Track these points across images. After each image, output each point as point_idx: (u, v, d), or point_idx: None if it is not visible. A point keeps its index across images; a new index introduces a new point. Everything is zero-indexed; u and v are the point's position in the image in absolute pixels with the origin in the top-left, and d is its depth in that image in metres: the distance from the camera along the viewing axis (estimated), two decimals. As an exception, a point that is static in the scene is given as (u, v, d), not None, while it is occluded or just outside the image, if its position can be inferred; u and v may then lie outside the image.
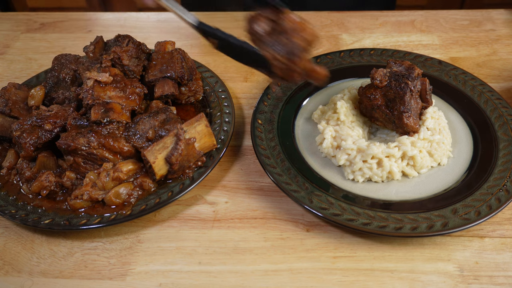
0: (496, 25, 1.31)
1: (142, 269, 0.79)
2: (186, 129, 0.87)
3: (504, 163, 0.87)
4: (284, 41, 0.72)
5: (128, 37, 1.04)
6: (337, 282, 0.76)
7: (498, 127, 0.94)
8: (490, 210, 0.79)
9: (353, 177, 0.88)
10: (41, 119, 0.91)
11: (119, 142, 0.88)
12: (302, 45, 0.72)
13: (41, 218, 0.84)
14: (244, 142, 1.01)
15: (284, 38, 0.72)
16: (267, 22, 0.74)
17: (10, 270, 0.80)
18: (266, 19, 0.74)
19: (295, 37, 0.72)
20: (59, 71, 1.04)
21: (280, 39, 0.72)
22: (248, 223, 0.85)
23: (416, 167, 0.88)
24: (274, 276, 0.77)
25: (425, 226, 0.78)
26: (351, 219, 0.80)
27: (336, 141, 0.91)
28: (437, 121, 0.91)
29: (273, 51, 0.72)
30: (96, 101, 0.91)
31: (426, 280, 0.76)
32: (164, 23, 1.40)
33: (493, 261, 0.78)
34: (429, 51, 1.23)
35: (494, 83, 1.11)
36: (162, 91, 1.01)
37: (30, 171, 0.89)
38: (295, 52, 0.72)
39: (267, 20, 0.74)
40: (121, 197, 0.85)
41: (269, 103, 1.03)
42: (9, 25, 1.42)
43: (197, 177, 0.88)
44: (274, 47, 0.72)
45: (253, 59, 0.77)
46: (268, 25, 0.73)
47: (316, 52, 1.25)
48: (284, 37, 0.72)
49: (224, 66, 1.22)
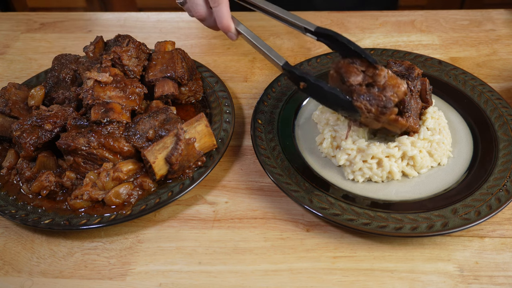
0: (496, 25, 1.31)
1: (142, 269, 0.79)
2: (186, 129, 0.87)
3: (504, 163, 0.87)
4: (378, 94, 0.79)
5: (128, 37, 1.04)
6: (337, 282, 0.76)
7: (498, 127, 0.94)
8: (490, 210, 0.79)
9: (353, 177, 0.88)
10: (41, 119, 0.91)
11: (119, 142, 0.88)
12: (395, 101, 0.79)
13: (41, 218, 0.84)
14: (244, 142, 1.01)
15: (378, 91, 0.79)
16: (361, 74, 0.80)
17: (10, 270, 0.80)
18: (360, 71, 0.81)
19: (389, 92, 0.79)
20: (59, 71, 1.04)
21: (374, 93, 0.79)
22: (248, 223, 0.85)
23: (416, 167, 0.88)
24: (274, 276, 0.77)
25: (425, 226, 0.78)
26: (351, 219, 0.80)
27: (336, 141, 0.92)
28: (437, 121, 0.91)
29: (369, 103, 0.79)
30: (96, 101, 0.91)
31: (426, 280, 0.76)
32: (164, 23, 1.40)
33: (493, 261, 0.78)
34: (429, 51, 1.23)
35: (494, 83, 1.11)
36: (162, 91, 1.01)
37: (30, 171, 0.89)
38: (388, 107, 0.78)
39: (361, 72, 0.80)
40: (121, 197, 0.85)
41: (269, 103, 1.03)
42: (9, 25, 1.42)
43: (197, 177, 0.88)
44: (370, 100, 0.79)
45: (341, 105, 0.83)
46: (362, 77, 0.80)
47: (316, 52, 1.25)
48: (378, 91, 0.79)
49: (224, 66, 1.22)
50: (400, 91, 0.79)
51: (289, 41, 1.29)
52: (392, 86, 0.79)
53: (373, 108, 0.79)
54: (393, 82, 0.80)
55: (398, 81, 0.80)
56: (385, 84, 0.79)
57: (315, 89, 0.85)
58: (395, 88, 0.79)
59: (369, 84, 0.81)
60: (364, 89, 0.80)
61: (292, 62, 1.22)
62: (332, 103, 0.85)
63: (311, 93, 0.88)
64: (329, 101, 0.85)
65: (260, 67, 1.21)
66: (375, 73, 0.80)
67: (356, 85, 0.80)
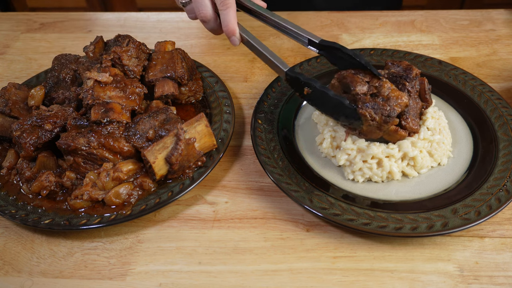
0: (496, 25, 1.31)
1: (142, 269, 0.79)
2: (186, 129, 0.87)
3: (504, 163, 0.87)
4: (383, 104, 0.82)
5: (128, 37, 1.04)
6: (337, 282, 0.76)
7: (498, 127, 0.94)
8: (490, 210, 0.79)
9: (353, 177, 0.88)
10: (41, 119, 0.91)
11: (119, 142, 0.88)
12: (398, 111, 0.83)
13: (41, 218, 0.84)
14: (244, 142, 1.01)
15: (382, 101, 0.83)
16: (366, 84, 0.84)
17: (10, 270, 0.80)
18: (365, 81, 0.85)
19: (393, 102, 0.82)
20: (59, 71, 1.04)
21: (379, 102, 0.82)
22: (248, 223, 0.85)
23: (416, 167, 0.88)
24: (274, 276, 0.77)
25: (425, 226, 0.78)
26: (351, 219, 0.80)
27: (336, 141, 0.92)
28: (437, 121, 0.91)
29: (373, 112, 0.82)
30: (96, 101, 0.91)
31: (426, 280, 0.76)
32: (164, 23, 1.40)
33: (493, 261, 0.78)
34: (429, 51, 1.23)
35: (494, 83, 1.11)
36: (162, 91, 1.01)
37: (30, 171, 0.89)
38: (392, 116, 0.82)
39: (366, 83, 0.84)
40: (121, 197, 0.85)
41: (269, 103, 1.03)
42: (9, 25, 1.42)
43: (197, 177, 0.88)
44: (375, 108, 0.82)
45: (344, 113, 0.85)
46: (367, 88, 0.84)
47: (316, 52, 1.25)
48: (382, 101, 0.83)
49: (224, 66, 1.22)
50: (402, 102, 0.83)
51: (289, 41, 1.29)
52: (396, 97, 0.83)
53: (377, 117, 0.82)
54: (396, 94, 0.83)
55: (400, 93, 0.84)
56: (389, 95, 0.83)
57: (320, 95, 0.86)
58: (398, 99, 0.83)
59: (373, 94, 0.84)
60: (369, 98, 0.83)
61: (292, 62, 1.22)
62: (334, 111, 0.86)
63: (314, 100, 0.88)
64: (332, 109, 0.86)
65: (260, 67, 1.21)
66: (380, 84, 0.84)
67: (361, 94, 0.83)
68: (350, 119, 0.85)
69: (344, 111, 0.84)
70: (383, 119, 0.82)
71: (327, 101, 0.85)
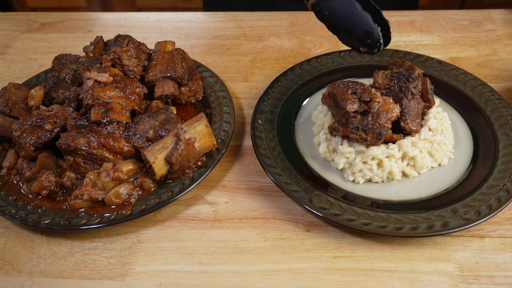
0: (496, 25, 1.31)
1: (142, 269, 0.79)
2: (186, 129, 0.87)
3: (504, 163, 0.87)
4: (373, 123, 0.83)
5: (128, 37, 1.04)
6: (337, 282, 0.76)
7: (498, 127, 0.94)
8: (490, 210, 0.79)
9: (353, 178, 0.88)
10: (41, 119, 0.91)
11: (119, 142, 0.88)
12: (389, 128, 0.84)
13: (41, 218, 0.84)
14: (244, 142, 1.01)
15: (372, 120, 0.83)
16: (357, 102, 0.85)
17: (10, 270, 0.80)
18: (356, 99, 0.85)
19: (383, 120, 0.83)
20: (59, 71, 1.04)
21: (368, 122, 0.83)
22: (248, 223, 0.85)
23: (416, 167, 0.88)
24: (274, 276, 0.77)
25: (425, 226, 0.78)
26: (351, 219, 0.80)
27: (332, 144, 0.91)
28: (440, 122, 0.91)
29: (364, 133, 0.83)
30: (96, 101, 0.91)
31: (426, 280, 0.76)
32: (164, 23, 1.40)
33: (493, 261, 0.78)
34: (429, 51, 1.23)
35: (494, 83, 1.11)
36: (162, 91, 1.01)
37: (30, 171, 0.89)
38: (383, 133, 0.83)
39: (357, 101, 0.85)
40: (121, 197, 0.85)
41: (269, 103, 1.03)
42: (9, 25, 1.42)
43: (197, 177, 0.88)
44: (365, 130, 0.83)
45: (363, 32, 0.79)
46: (358, 106, 0.85)
47: (316, 52, 1.25)
48: (372, 119, 0.83)
49: (224, 66, 1.22)
50: (393, 116, 0.84)
51: (289, 41, 1.29)
52: (386, 112, 0.84)
53: (369, 137, 0.84)
54: (386, 107, 0.84)
55: (390, 106, 0.84)
56: (379, 110, 0.84)
57: (347, 3, 0.80)
58: (388, 114, 0.84)
59: (364, 111, 0.85)
60: (359, 120, 0.83)
61: (292, 62, 1.22)
62: (354, 28, 0.81)
63: (335, 12, 0.82)
64: (352, 25, 0.81)
65: (260, 67, 1.21)
66: (371, 99, 0.85)
67: (352, 112, 0.85)
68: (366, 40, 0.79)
69: (363, 29, 0.79)
70: (374, 137, 0.83)
71: (353, 14, 0.80)
